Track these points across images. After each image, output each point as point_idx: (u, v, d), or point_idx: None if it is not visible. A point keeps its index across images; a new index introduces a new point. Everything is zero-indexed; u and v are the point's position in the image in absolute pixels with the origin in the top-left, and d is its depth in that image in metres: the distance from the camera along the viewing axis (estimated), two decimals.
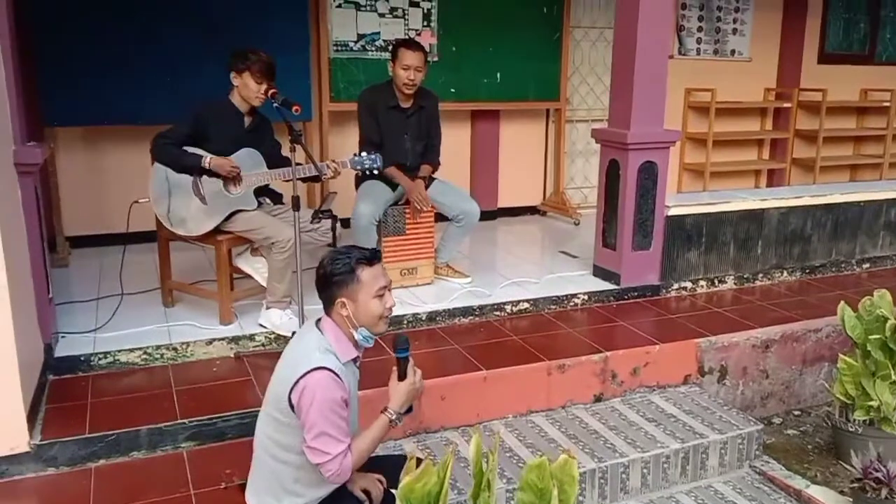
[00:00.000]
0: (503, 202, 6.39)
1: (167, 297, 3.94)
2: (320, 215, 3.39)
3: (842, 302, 3.62)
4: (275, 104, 3.44)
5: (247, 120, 3.74)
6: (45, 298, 3.25)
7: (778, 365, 4.13)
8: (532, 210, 6.55)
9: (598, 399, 3.68)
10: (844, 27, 7.72)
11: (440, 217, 4.40)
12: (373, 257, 2.30)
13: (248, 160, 3.66)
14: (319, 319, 2.34)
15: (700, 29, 7.02)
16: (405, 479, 1.83)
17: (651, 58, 4.18)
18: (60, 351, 3.35)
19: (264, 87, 3.53)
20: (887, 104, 7.59)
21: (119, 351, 3.39)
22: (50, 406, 3.03)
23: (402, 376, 2.39)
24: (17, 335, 2.65)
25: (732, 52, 7.21)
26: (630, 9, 4.15)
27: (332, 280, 2.24)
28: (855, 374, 3.43)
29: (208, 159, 3.54)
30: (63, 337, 3.48)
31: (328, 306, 2.29)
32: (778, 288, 4.85)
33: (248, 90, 3.57)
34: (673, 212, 4.48)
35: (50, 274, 3.38)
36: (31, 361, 2.99)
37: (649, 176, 4.34)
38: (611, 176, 4.42)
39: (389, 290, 2.32)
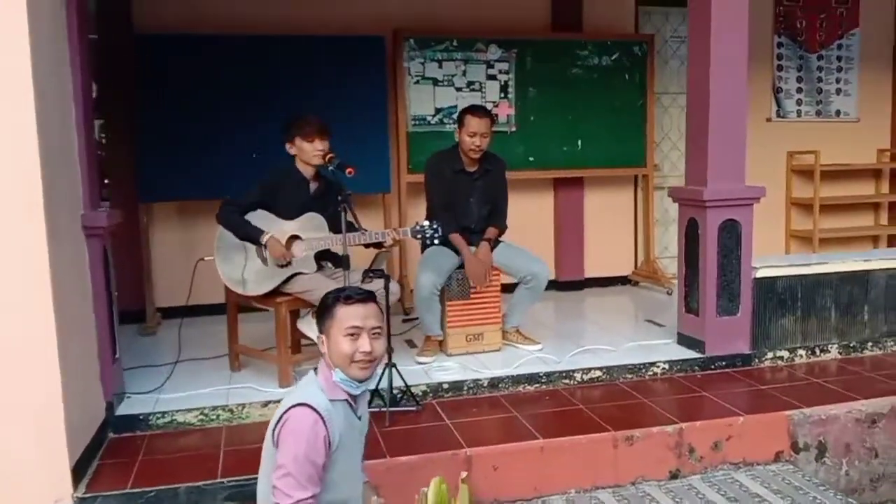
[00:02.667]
0: (591, 272, 6.17)
1: (234, 362, 3.99)
2: (371, 274, 3.37)
3: None
4: (330, 168, 3.50)
5: (312, 186, 3.82)
6: (108, 358, 3.35)
7: (888, 442, 3.64)
8: (623, 280, 6.28)
9: (673, 476, 3.35)
10: None
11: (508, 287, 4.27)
12: (354, 295, 2.23)
13: (309, 224, 3.72)
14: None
15: (800, 90, 6.68)
16: None
17: (727, 109, 3.98)
18: (122, 410, 3.43)
19: (318, 144, 3.62)
20: None
21: (178, 411, 3.43)
22: (103, 462, 3.08)
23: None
24: (67, 392, 2.73)
25: (837, 112, 6.80)
26: (702, 57, 4.00)
27: (319, 314, 2.25)
28: None
29: (266, 237, 3.62)
30: (128, 397, 3.56)
31: (321, 348, 2.26)
32: (892, 358, 4.33)
33: (303, 153, 3.67)
34: (761, 273, 4.15)
35: (117, 335, 3.50)
36: (87, 417, 3.06)
37: (731, 235, 4.06)
38: (690, 236, 4.17)
39: (370, 335, 2.20)
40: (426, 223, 3.76)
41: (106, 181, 5.13)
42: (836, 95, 6.77)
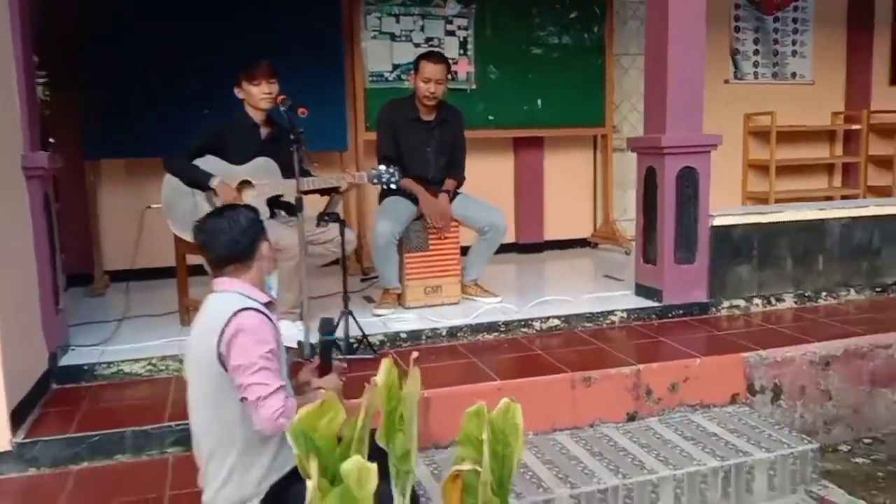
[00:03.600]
0: (550, 234, 6.15)
1: (184, 316, 3.87)
2: (326, 218, 3.29)
3: None
4: (282, 108, 3.40)
5: (263, 131, 3.72)
6: (51, 307, 3.23)
7: (842, 385, 3.68)
8: (583, 242, 6.27)
9: (631, 418, 3.35)
10: None
11: None
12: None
13: (260, 169, 3.62)
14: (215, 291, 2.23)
15: (756, 52, 6.73)
16: (302, 412, 1.57)
17: (685, 57, 3.96)
18: (67, 361, 3.30)
19: (264, 87, 3.52)
20: None
21: (124, 361, 3.32)
22: (45, 410, 2.96)
23: (327, 362, 2.29)
24: (4, 337, 2.61)
25: (793, 74, 6.86)
26: (660, 4, 3.96)
27: (256, 226, 2.24)
28: None
29: (216, 181, 3.50)
30: (72, 349, 3.44)
31: (245, 260, 2.21)
32: (845, 307, 4.39)
33: (251, 96, 3.58)
34: (718, 221, 4.16)
35: (60, 283, 3.37)
36: (26, 366, 2.94)
37: (690, 183, 4.06)
38: (648, 185, 4.16)
39: None
40: (383, 167, 3.68)
41: (51, 140, 4.93)
42: (791, 58, 6.83)
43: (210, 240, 2.19)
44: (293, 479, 1.98)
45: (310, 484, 1.38)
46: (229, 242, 2.18)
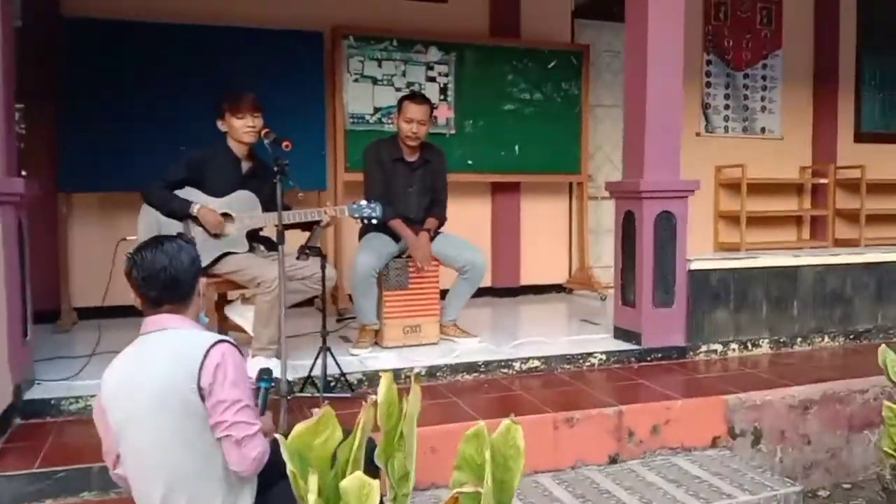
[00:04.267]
0: (527, 279, 6.17)
1: None
2: (307, 251, 3.24)
3: (883, 345, 3.24)
4: (266, 142, 3.38)
5: (245, 165, 3.69)
6: (18, 338, 3.11)
7: (820, 430, 3.68)
8: (558, 288, 6.29)
9: (613, 460, 3.30)
10: (881, 106, 7.54)
11: None
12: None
13: (241, 202, 3.58)
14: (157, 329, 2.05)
15: (727, 107, 6.91)
16: (298, 428, 1.51)
17: (664, 101, 4.04)
18: (31, 395, 3.17)
19: (249, 120, 3.51)
20: None
21: (92, 396, 3.17)
22: (7, 446, 2.83)
23: (262, 408, 2.15)
24: None
25: (763, 129, 7.06)
26: (638, 50, 4.06)
27: (196, 264, 2.10)
28: None
29: (197, 207, 3.46)
30: (38, 383, 3.31)
31: (185, 299, 2.07)
32: (820, 353, 4.43)
33: (234, 130, 3.55)
34: (695, 266, 4.20)
35: (29, 313, 3.26)
36: None
37: (667, 227, 4.10)
38: (626, 229, 4.19)
39: None
40: (364, 202, 3.67)
41: (23, 172, 4.84)
42: (761, 113, 7.03)
43: (148, 277, 2.01)
44: None
45: (310, 499, 1.32)
46: (170, 281, 2.01)
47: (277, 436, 1.64)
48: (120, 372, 2.01)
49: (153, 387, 1.92)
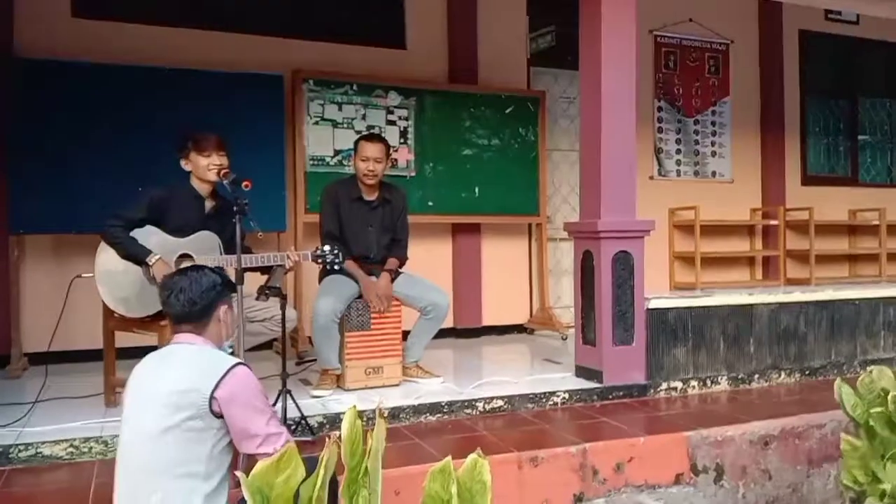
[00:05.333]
0: (488, 320, 6.18)
1: (110, 396, 3.66)
2: (267, 291, 3.22)
3: (838, 379, 3.30)
4: (225, 182, 3.37)
5: (207, 204, 3.67)
6: None
7: (781, 465, 3.72)
8: (519, 328, 6.31)
9: (578, 499, 3.28)
10: (825, 151, 7.84)
11: None
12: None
13: (202, 243, 3.54)
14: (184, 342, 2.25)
15: (679, 151, 7.11)
16: (260, 466, 1.48)
17: (618, 144, 4.15)
18: None
19: (214, 158, 3.49)
20: (876, 223, 7.52)
21: (44, 443, 3.08)
22: None
23: None
24: None
25: (714, 173, 7.26)
26: (593, 95, 4.18)
27: (216, 289, 2.26)
28: (861, 455, 3.04)
29: (154, 259, 3.41)
30: None
31: (201, 324, 2.24)
32: (777, 389, 4.51)
33: (199, 168, 3.53)
34: (654, 304, 4.26)
35: None
36: None
37: (625, 266, 4.17)
38: (585, 268, 4.25)
39: None
40: (327, 248, 3.65)
41: None
42: (711, 157, 7.24)
43: (169, 297, 2.22)
44: None
45: None
46: (186, 302, 2.20)
47: (239, 473, 1.61)
48: (144, 365, 2.21)
49: (167, 382, 2.08)
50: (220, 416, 2.07)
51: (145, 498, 2.02)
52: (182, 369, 2.11)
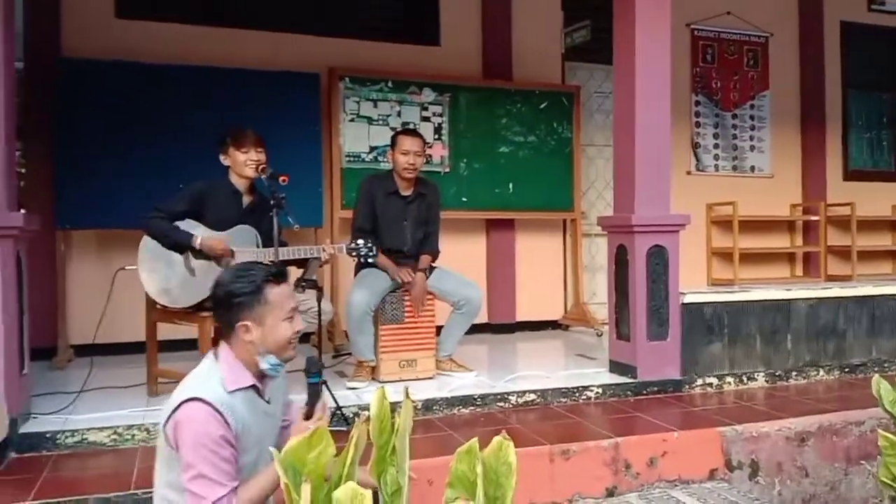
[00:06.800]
0: (522, 315, 6.19)
1: (153, 386, 3.77)
2: (303, 284, 3.27)
3: (876, 375, 3.25)
4: (263, 177, 3.44)
5: (245, 199, 3.74)
6: (15, 371, 3.12)
7: (818, 462, 3.68)
8: (554, 324, 6.31)
9: (610, 493, 3.28)
10: (868, 145, 7.68)
11: None
12: (279, 275, 2.10)
13: (240, 237, 3.62)
14: (217, 346, 2.12)
15: (717, 146, 7.03)
16: (292, 443, 1.51)
17: (652, 138, 4.13)
18: (27, 429, 3.16)
19: (252, 154, 3.56)
20: None
21: (89, 430, 3.19)
22: (1, 479, 2.80)
23: (310, 409, 2.13)
24: None
25: (753, 168, 7.16)
26: (627, 88, 4.16)
27: (233, 301, 2.02)
28: None
29: (199, 239, 3.50)
30: (34, 417, 3.30)
31: (227, 331, 2.06)
32: (815, 386, 4.44)
33: (237, 163, 3.60)
34: (689, 299, 4.23)
35: (27, 347, 3.27)
36: None
37: (659, 261, 4.15)
38: (619, 262, 4.24)
39: (298, 312, 2.14)
40: (361, 242, 3.71)
41: (22, 210, 4.88)
42: (750, 152, 7.15)
43: (214, 287, 2.08)
44: None
45: None
46: (213, 305, 2.09)
47: (272, 449, 1.65)
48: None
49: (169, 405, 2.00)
50: (176, 447, 1.95)
51: None
52: (174, 394, 2.00)
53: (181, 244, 3.50)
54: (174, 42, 5.23)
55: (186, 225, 3.55)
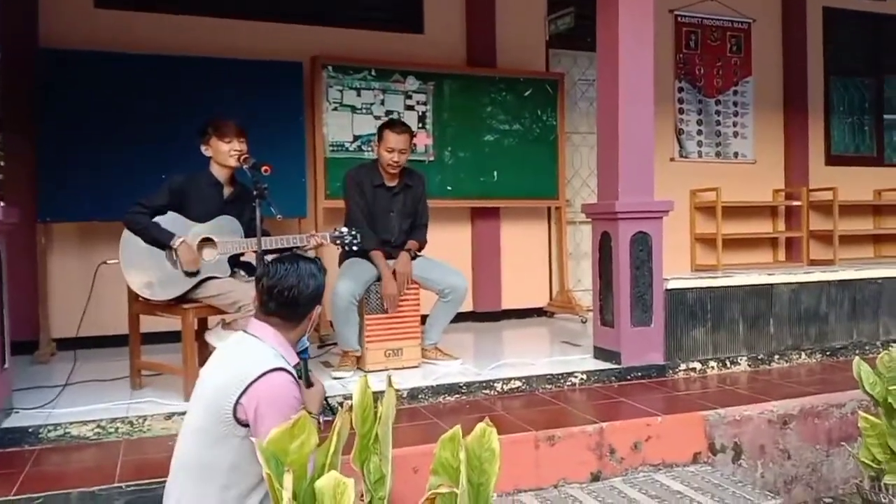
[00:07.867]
0: (508, 303, 6.20)
1: (135, 379, 3.75)
2: None
3: (857, 358, 3.29)
4: (245, 167, 3.42)
5: (226, 190, 3.72)
6: None
7: (800, 444, 3.72)
8: (539, 312, 6.33)
9: (595, 478, 3.31)
10: (850, 130, 7.73)
11: None
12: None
13: (223, 227, 3.60)
14: (254, 333, 2.20)
15: (700, 132, 7.05)
16: (274, 433, 1.52)
17: (635, 124, 4.14)
18: (9, 423, 3.14)
19: (235, 144, 3.54)
20: None
21: (72, 423, 3.17)
22: None
23: (306, 379, 2.30)
24: None
25: (736, 154, 7.19)
26: (610, 75, 4.16)
27: (321, 292, 2.25)
28: (879, 433, 3.05)
29: (178, 241, 3.47)
30: (16, 412, 3.28)
31: (296, 320, 2.22)
32: (797, 370, 4.49)
33: (218, 153, 3.58)
34: (672, 285, 4.26)
35: (7, 342, 3.24)
36: None
37: (643, 247, 4.17)
38: (603, 249, 4.26)
39: None
40: (345, 230, 3.70)
41: (1, 203, 4.82)
42: (733, 138, 7.18)
43: (272, 289, 2.17)
44: None
45: (285, 498, 1.32)
46: (290, 301, 2.16)
47: (254, 440, 1.66)
48: (218, 352, 2.25)
49: (211, 381, 2.09)
50: (245, 424, 1.98)
51: (170, 493, 2.05)
52: (230, 367, 2.06)
53: (159, 241, 3.47)
54: (154, 32, 5.17)
55: (168, 218, 3.52)
